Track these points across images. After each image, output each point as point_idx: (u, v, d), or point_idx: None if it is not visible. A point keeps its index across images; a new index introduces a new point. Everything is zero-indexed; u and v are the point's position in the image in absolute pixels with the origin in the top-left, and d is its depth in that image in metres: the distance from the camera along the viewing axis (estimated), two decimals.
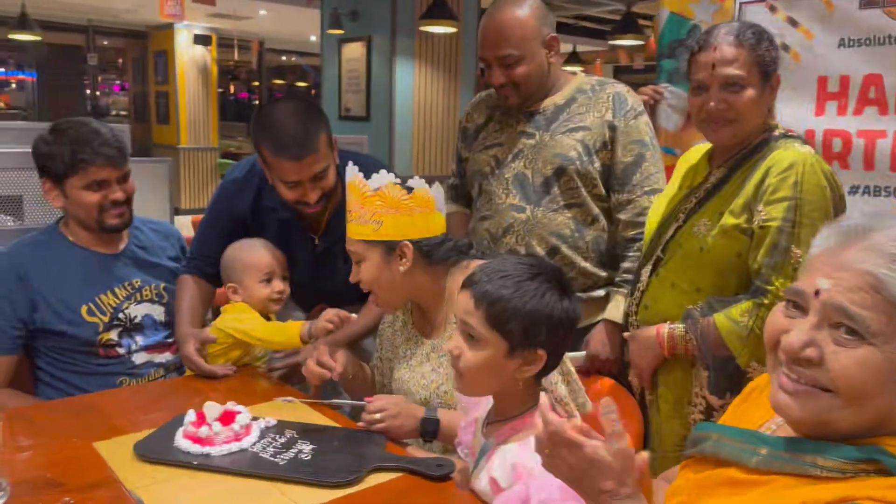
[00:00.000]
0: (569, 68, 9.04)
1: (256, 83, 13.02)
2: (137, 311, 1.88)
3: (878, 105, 1.82)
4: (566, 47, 10.63)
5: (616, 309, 1.79)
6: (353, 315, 1.74)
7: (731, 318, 1.46)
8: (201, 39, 9.98)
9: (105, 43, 11.66)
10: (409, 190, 1.44)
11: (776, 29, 1.95)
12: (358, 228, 1.47)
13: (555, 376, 1.29)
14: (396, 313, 1.63)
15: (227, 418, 1.37)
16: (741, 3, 2.03)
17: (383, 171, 1.46)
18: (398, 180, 1.45)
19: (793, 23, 1.92)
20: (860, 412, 0.78)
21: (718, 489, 0.88)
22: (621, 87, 1.89)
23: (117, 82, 12.36)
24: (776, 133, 1.53)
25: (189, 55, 9.94)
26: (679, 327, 1.54)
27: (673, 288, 1.58)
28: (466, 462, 1.27)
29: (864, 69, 1.84)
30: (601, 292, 1.85)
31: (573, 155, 1.81)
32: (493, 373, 1.13)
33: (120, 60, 12.14)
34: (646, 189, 1.79)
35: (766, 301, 1.42)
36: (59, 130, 1.80)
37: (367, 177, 1.46)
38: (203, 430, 1.34)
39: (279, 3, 8.21)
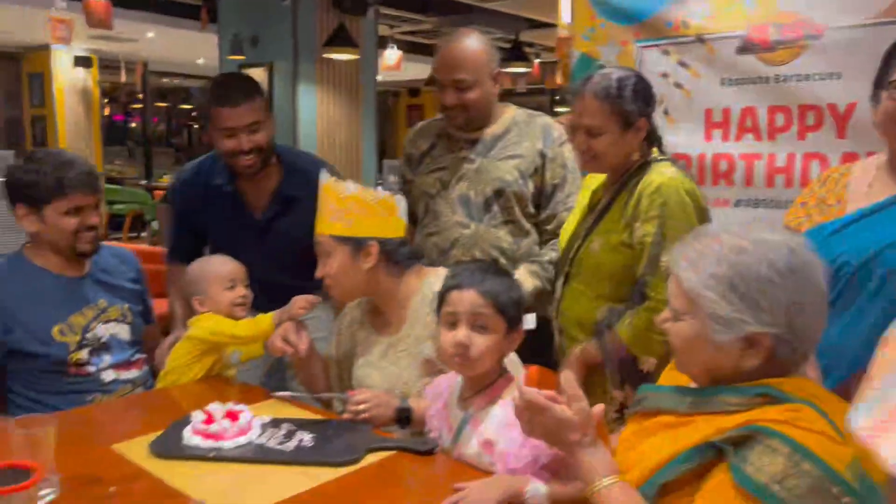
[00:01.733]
0: None
1: (138, 105, 12.64)
2: (104, 330, 1.97)
3: (753, 132, 2.22)
4: None
5: (524, 278, 2.01)
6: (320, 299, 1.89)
7: (626, 323, 1.72)
8: (82, 61, 9.64)
9: None
10: (377, 196, 1.67)
11: (669, 69, 2.34)
12: (330, 225, 1.67)
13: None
14: (354, 313, 1.83)
15: (232, 416, 1.53)
16: (640, 48, 2.39)
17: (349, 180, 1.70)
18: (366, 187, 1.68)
19: (683, 65, 2.29)
20: (693, 362, 1.11)
21: (657, 432, 1.15)
22: (549, 119, 2.19)
23: None
24: (650, 158, 1.80)
25: (68, 77, 9.58)
26: (587, 345, 1.80)
27: (581, 296, 1.83)
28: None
29: (741, 103, 2.23)
30: None
31: (510, 178, 2.08)
32: (496, 352, 1.41)
33: None
34: (567, 206, 2.09)
35: (650, 305, 1.68)
36: (36, 159, 1.88)
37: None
38: (214, 427, 1.49)
39: (169, 27, 8.13)
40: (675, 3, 2.33)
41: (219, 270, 2.00)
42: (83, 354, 1.91)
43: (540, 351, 1.75)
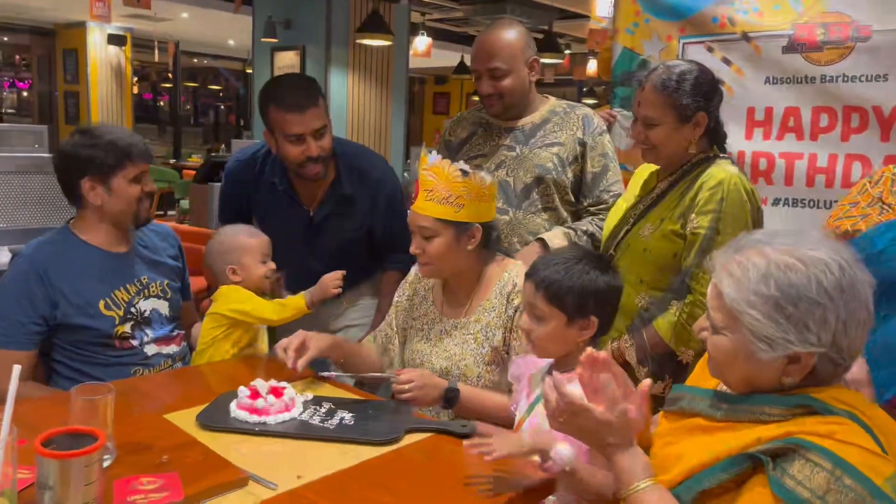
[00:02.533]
0: None
1: (168, 85, 12.76)
2: (146, 305, 2.00)
3: (795, 132, 2.22)
4: None
5: (554, 235, 2.05)
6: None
7: (667, 320, 1.76)
8: (115, 39, 9.75)
9: (5, 39, 11.14)
10: (485, 181, 1.68)
11: (712, 66, 2.32)
12: (437, 208, 1.66)
13: None
14: (416, 286, 1.85)
15: (276, 392, 1.57)
16: (684, 44, 2.39)
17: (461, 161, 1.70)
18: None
19: (727, 62, 2.29)
20: (732, 375, 1.09)
21: (694, 432, 1.15)
22: (588, 110, 2.21)
23: (6, 80, 11.76)
24: (712, 155, 1.83)
25: (102, 55, 9.69)
26: (615, 345, 1.83)
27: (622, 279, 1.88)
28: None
29: (784, 103, 2.23)
30: None
31: (550, 166, 2.11)
32: (559, 340, 1.44)
33: (16, 57, 11.62)
34: (611, 193, 2.12)
35: (690, 298, 1.72)
36: (91, 133, 1.91)
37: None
38: (259, 402, 1.52)
39: (203, 7, 8.19)
40: (722, 1, 2.32)
41: (257, 244, 2.05)
42: (127, 328, 1.95)
43: None
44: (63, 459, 1.07)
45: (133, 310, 1.97)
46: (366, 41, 6.00)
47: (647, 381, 1.16)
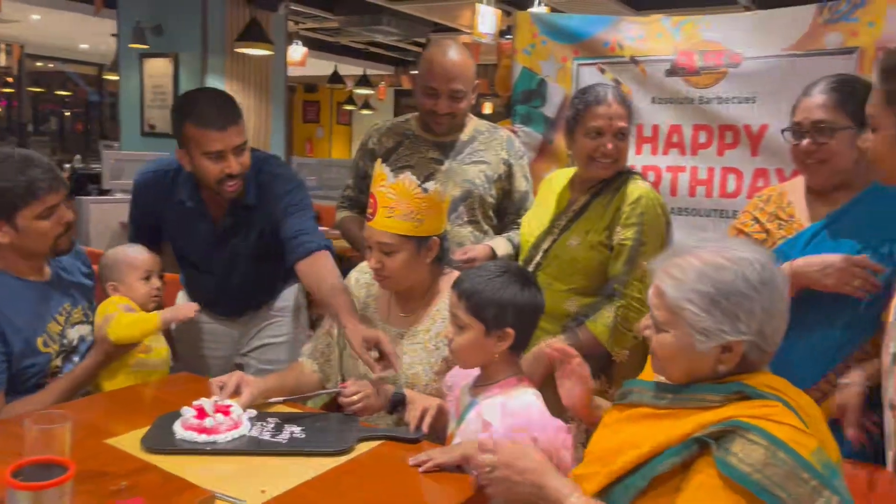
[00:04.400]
0: (359, 90, 9.44)
1: (10, 90, 11.78)
2: (73, 334, 1.91)
3: (678, 148, 2.47)
4: (357, 70, 11.09)
5: (499, 245, 2.19)
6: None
7: (601, 323, 1.92)
8: None
9: None
10: (442, 194, 1.76)
11: None
12: (399, 224, 1.70)
13: None
14: (357, 293, 1.90)
15: (223, 410, 1.57)
16: (579, 65, 2.59)
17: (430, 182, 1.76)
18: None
19: (617, 83, 2.49)
20: (674, 368, 1.23)
21: (640, 421, 1.28)
22: (507, 132, 2.38)
23: None
24: (623, 171, 2.03)
25: None
26: (559, 339, 1.93)
27: (550, 287, 1.98)
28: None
29: (669, 121, 2.47)
30: None
31: (478, 182, 2.24)
32: (476, 349, 1.51)
33: None
34: (528, 209, 2.28)
35: (622, 302, 1.90)
36: None
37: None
38: (208, 421, 1.52)
39: (57, 10, 7.68)
40: (612, 27, 2.55)
41: (136, 260, 2.04)
42: (58, 362, 1.85)
43: None
44: (37, 491, 1.06)
45: (65, 341, 1.88)
46: (245, 50, 5.89)
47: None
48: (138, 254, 2.05)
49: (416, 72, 2.29)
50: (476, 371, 1.58)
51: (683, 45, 2.45)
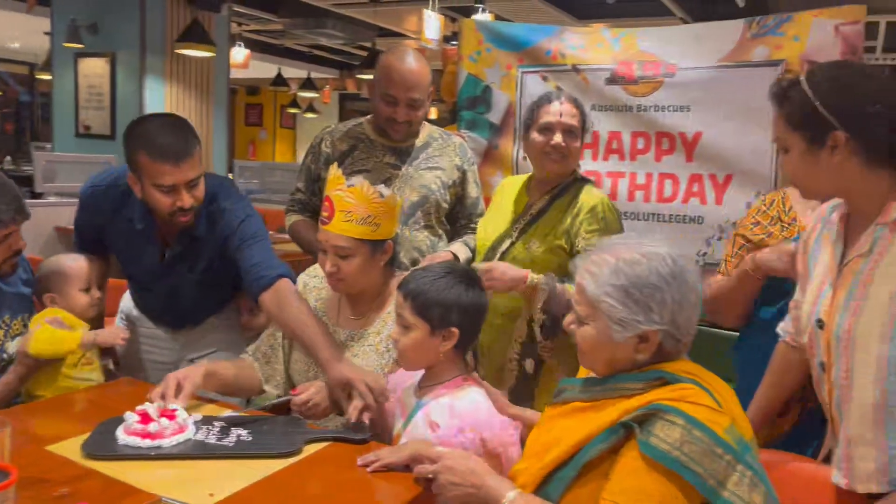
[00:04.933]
0: (304, 93, 9.38)
1: None
2: (13, 347, 1.86)
3: (618, 154, 2.55)
4: (301, 73, 11.00)
5: (458, 249, 2.26)
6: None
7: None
8: None
9: None
10: (396, 199, 1.78)
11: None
12: (357, 228, 1.71)
13: None
14: (305, 297, 1.89)
15: (168, 415, 1.56)
16: (523, 73, 2.65)
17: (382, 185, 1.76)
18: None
19: (559, 90, 2.56)
20: (597, 359, 1.31)
21: (570, 416, 1.34)
22: (460, 139, 2.43)
23: None
24: (578, 177, 2.14)
25: None
26: (541, 277, 2.00)
27: None
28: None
29: (608, 128, 2.55)
30: None
31: (434, 187, 2.28)
32: (422, 349, 1.54)
33: None
34: (480, 214, 2.36)
35: None
36: None
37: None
38: (152, 426, 1.50)
39: None
40: (554, 36, 2.62)
41: (75, 271, 1.99)
42: None
43: None
44: None
45: (4, 355, 1.82)
46: (186, 51, 5.79)
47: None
48: (77, 264, 1.99)
49: (373, 77, 2.29)
50: (419, 373, 1.60)
51: (622, 56, 2.53)
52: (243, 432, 1.58)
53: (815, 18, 2.29)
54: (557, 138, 2.05)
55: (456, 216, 2.38)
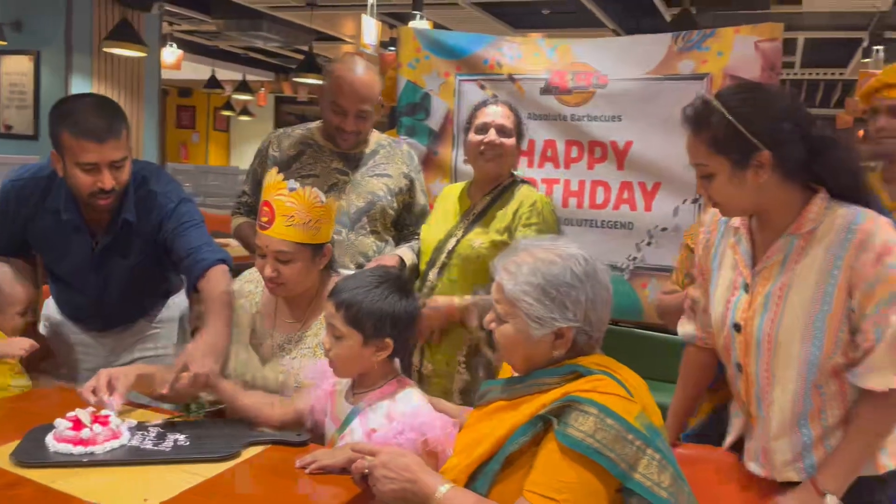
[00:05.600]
0: (238, 96, 9.23)
1: None
2: None
3: (552, 161, 2.62)
4: (236, 75, 10.82)
5: (404, 253, 2.29)
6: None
7: None
8: None
9: None
10: (334, 203, 1.79)
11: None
12: (298, 233, 1.70)
13: None
14: (242, 303, 1.88)
15: (101, 421, 1.52)
16: (460, 81, 2.69)
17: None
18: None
19: (496, 98, 2.62)
20: (516, 356, 1.36)
21: (493, 415, 1.39)
22: (408, 147, 2.47)
23: None
24: (517, 179, 2.24)
25: None
26: (468, 298, 2.11)
27: (454, 284, 2.17)
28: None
29: (544, 136, 2.62)
30: None
31: (381, 194, 2.30)
32: (354, 359, 1.54)
33: None
34: (424, 221, 2.39)
35: None
36: None
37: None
38: (85, 433, 1.47)
39: None
40: (491, 46, 2.67)
41: (19, 295, 1.94)
42: None
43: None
44: None
45: None
46: (115, 50, 5.63)
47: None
48: (19, 288, 1.94)
49: (322, 85, 2.30)
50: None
51: (557, 66, 2.61)
52: (180, 437, 1.56)
53: (737, 35, 2.41)
54: (491, 135, 2.14)
55: (403, 223, 2.41)
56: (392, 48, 5.67)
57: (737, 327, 1.51)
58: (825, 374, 1.41)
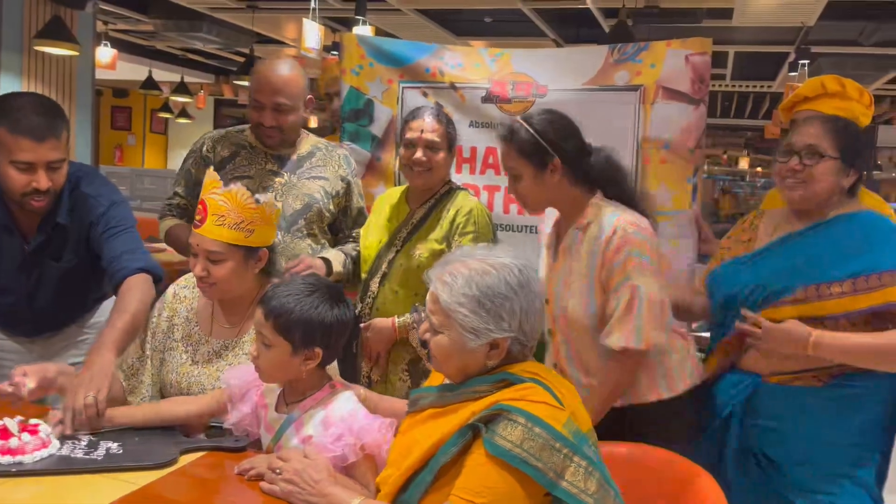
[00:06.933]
0: (176, 98, 9.07)
1: None
2: None
3: (494, 168, 2.65)
4: (174, 77, 10.58)
5: (335, 258, 2.28)
6: None
7: None
8: None
9: None
10: (273, 206, 1.76)
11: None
12: (229, 233, 1.68)
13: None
14: (177, 308, 1.85)
15: (30, 430, 1.48)
16: (403, 88, 2.71)
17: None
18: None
19: (440, 106, 2.63)
20: (450, 367, 1.37)
21: (425, 422, 1.40)
22: (345, 151, 2.50)
23: None
24: (453, 186, 2.28)
25: None
26: (406, 317, 2.14)
27: (396, 294, 2.20)
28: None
29: (485, 143, 2.65)
30: None
31: (318, 197, 2.30)
32: (283, 367, 1.53)
33: None
34: (360, 225, 2.41)
35: None
36: None
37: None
38: (13, 442, 1.43)
39: None
40: (434, 55, 2.70)
41: None
42: None
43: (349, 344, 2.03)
44: None
45: None
46: (46, 49, 5.45)
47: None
48: None
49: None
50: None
51: (498, 75, 2.65)
52: (113, 445, 1.54)
53: (669, 48, 2.50)
54: (419, 154, 2.18)
55: (339, 226, 2.42)
56: (335, 52, 5.65)
57: (545, 301, 1.82)
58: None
